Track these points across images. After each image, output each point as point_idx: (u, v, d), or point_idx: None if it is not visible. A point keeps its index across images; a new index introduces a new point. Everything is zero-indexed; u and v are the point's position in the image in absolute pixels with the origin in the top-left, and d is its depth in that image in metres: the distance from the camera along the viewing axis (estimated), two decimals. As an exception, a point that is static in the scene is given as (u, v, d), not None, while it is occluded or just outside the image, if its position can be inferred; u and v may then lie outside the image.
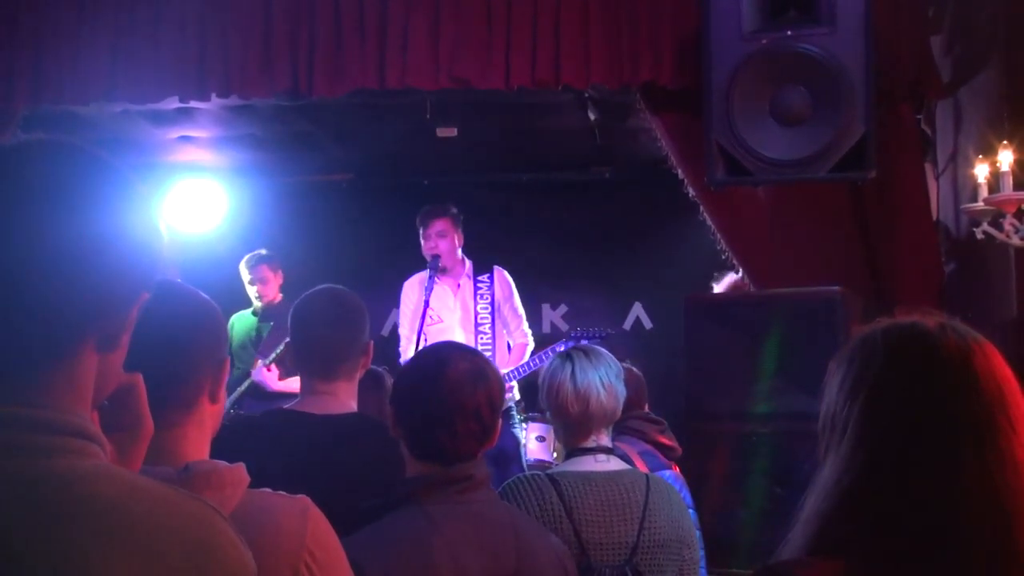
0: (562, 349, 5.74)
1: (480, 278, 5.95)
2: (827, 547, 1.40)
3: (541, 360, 5.79)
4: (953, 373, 1.42)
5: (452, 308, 5.86)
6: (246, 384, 6.43)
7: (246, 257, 6.79)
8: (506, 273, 6.06)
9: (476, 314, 5.88)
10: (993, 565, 1.35)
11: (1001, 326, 4.46)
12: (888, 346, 1.47)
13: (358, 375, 2.81)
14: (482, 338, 5.80)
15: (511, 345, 6.03)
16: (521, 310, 6.11)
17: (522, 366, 5.94)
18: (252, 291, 6.73)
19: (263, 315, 6.71)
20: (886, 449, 1.41)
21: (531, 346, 6.13)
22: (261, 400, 6.25)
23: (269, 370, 6.33)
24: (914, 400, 1.41)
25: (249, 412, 6.11)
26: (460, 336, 5.76)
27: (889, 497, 1.38)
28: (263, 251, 6.83)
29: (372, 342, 2.87)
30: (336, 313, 2.79)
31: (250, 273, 6.73)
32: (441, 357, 2.39)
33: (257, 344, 6.60)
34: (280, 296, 6.77)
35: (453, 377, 2.31)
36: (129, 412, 1.28)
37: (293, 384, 6.15)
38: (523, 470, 5.50)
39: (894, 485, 1.39)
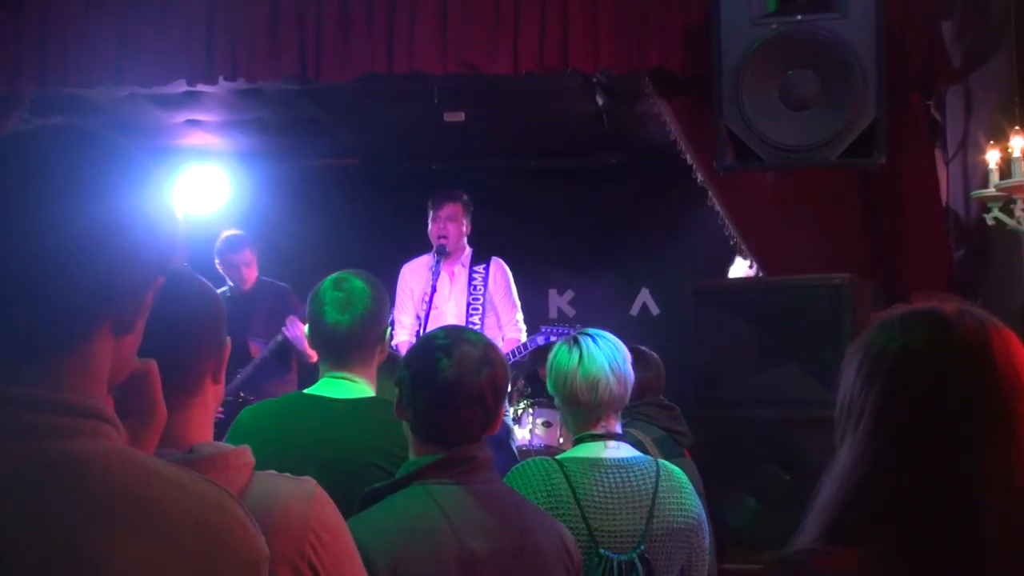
0: (541, 342, 5.75)
1: (476, 268, 5.91)
2: (843, 536, 1.40)
3: (522, 350, 5.77)
4: (971, 358, 1.41)
5: (447, 296, 5.83)
6: (275, 342, 6.06)
7: (224, 240, 6.37)
8: (504, 264, 6.01)
9: (468, 304, 5.85)
10: (1010, 551, 1.34)
11: (1010, 312, 4.44)
12: (906, 332, 1.46)
13: (375, 361, 2.82)
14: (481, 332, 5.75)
15: (503, 338, 5.97)
16: (517, 302, 6.04)
17: (516, 349, 5.91)
18: (236, 275, 6.30)
19: (244, 300, 6.28)
20: (903, 435, 1.40)
21: (523, 340, 6.01)
22: (282, 367, 6.12)
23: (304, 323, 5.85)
24: (932, 386, 1.40)
25: (265, 379, 6.01)
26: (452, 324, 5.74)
27: (906, 484, 1.37)
28: (238, 231, 6.45)
29: (389, 328, 2.87)
30: (352, 302, 2.78)
31: (236, 257, 6.31)
32: (447, 341, 2.39)
33: (247, 329, 6.24)
34: (257, 275, 6.43)
35: (458, 361, 2.31)
36: (143, 398, 1.29)
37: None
38: (514, 455, 5.49)
39: (911, 472, 1.38)
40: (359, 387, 2.77)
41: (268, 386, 5.94)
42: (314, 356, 5.87)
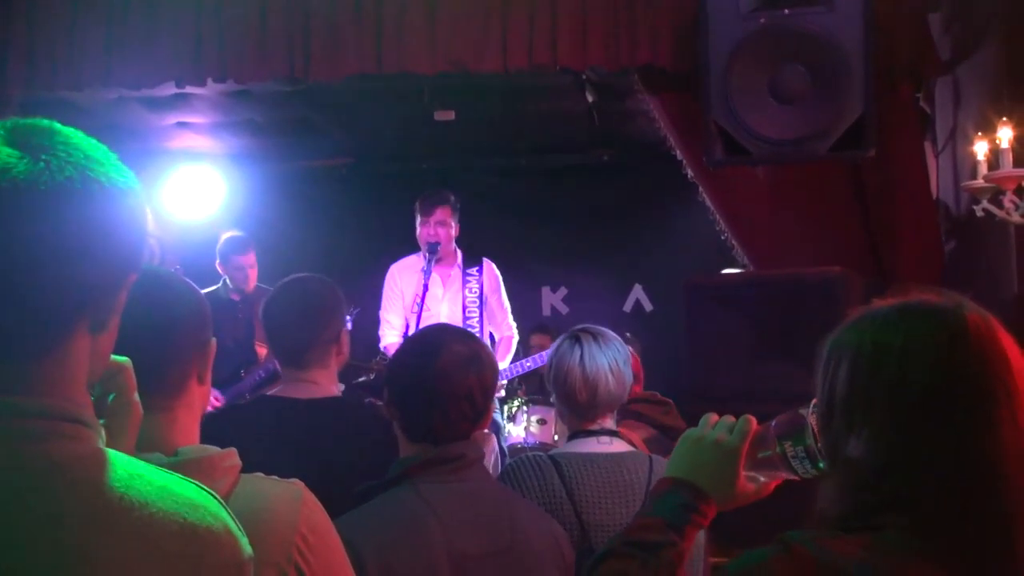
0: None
1: (469, 270, 5.91)
2: (853, 525, 1.40)
3: (537, 361, 5.78)
4: (979, 343, 1.42)
5: (440, 298, 5.82)
6: (268, 370, 5.98)
7: (231, 241, 6.37)
8: (494, 266, 6.02)
9: (465, 307, 5.84)
10: None
11: (1001, 303, 4.45)
12: (905, 322, 1.47)
13: (333, 362, 2.86)
14: (470, 331, 5.75)
15: (496, 338, 5.99)
16: (507, 303, 6.05)
17: (516, 365, 5.91)
18: (241, 277, 6.31)
19: (249, 302, 6.24)
20: (919, 423, 1.41)
21: (516, 339, 6.06)
22: None
23: None
24: (944, 372, 1.42)
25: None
26: None
27: (924, 469, 1.38)
28: (241, 233, 6.43)
29: (347, 330, 2.91)
30: (300, 306, 2.85)
31: (244, 259, 6.33)
32: (436, 339, 2.40)
33: (244, 331, 6.25)
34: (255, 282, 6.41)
35: (446, 359, 2.33)
36: (118, 398, 1.28)
37: None
38: (503, 453, 5.49)
39: (929, 457, 1.39)
40: (323, 387, 2.81)
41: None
42: None
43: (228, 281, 6.33)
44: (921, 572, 1.35)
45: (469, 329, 5.69)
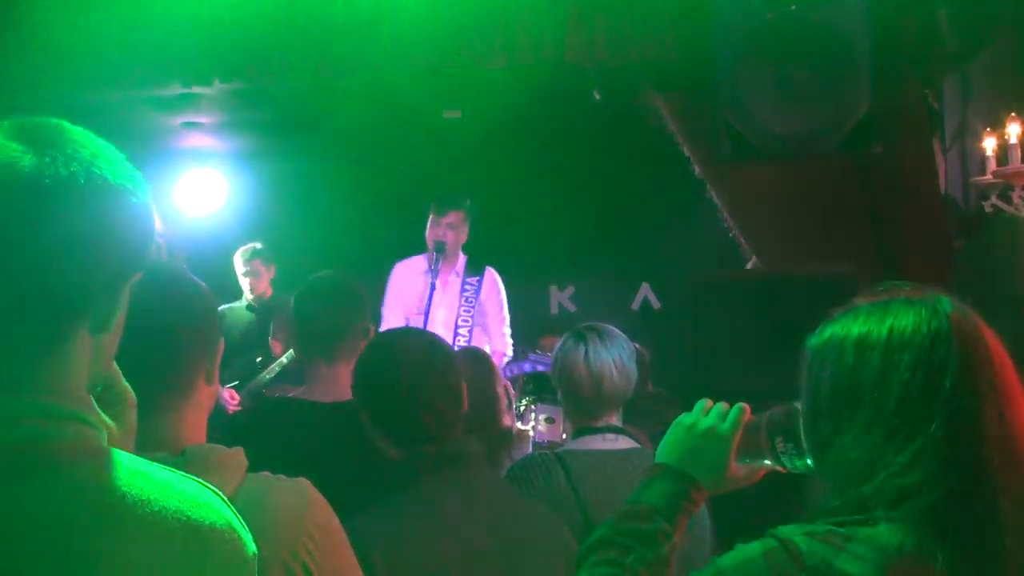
0: (527, 369, 5.67)
1: (469, 279, 5.83)
2: (844, 517, 1.40)
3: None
4: (961, 338, 1.43)
5: (438, 302, 5.77)
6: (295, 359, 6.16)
7: (241, 249, 6.75)
8: (497, 276, 5.93)
9: (458, 315, 5.77)
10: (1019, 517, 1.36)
11: (1010, 299, 4.43)
12: (890, 316, 1.47)
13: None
14: (460, 340, 5.67)
15: (491, 352, 5.87)
16: (506, 315, 5.94)
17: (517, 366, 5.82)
18: (245, 283, 6.71)
19: (256, 308, 6.71)
20: (905, 416, 1.41)
21: (508, 356, 5.90)
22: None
23: None
24: (928, 368, 1.42)
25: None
26: (441, 332, 5.68)
27: (912, 462, 1.38)
28: (257, 244, 6.80)
29: (372, 327, 2.94)
30: (333, 297, 2.91)
31: (245, 266, 6.71)
32: (391, 346, 2.43)
33: (258, 336, 6.55)
34: (271, 290, 6.79)
35: (413, 359, 2.34)
36: (108, 389, 1.28)
37: None
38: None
39: (917, 451, 1.38)
40: (345, 387, 2.82)
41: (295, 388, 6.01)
42: None
43: (249, 288, 6.67)
44: (910, 566, 1.35)
45: (459, 339, 5.66)
